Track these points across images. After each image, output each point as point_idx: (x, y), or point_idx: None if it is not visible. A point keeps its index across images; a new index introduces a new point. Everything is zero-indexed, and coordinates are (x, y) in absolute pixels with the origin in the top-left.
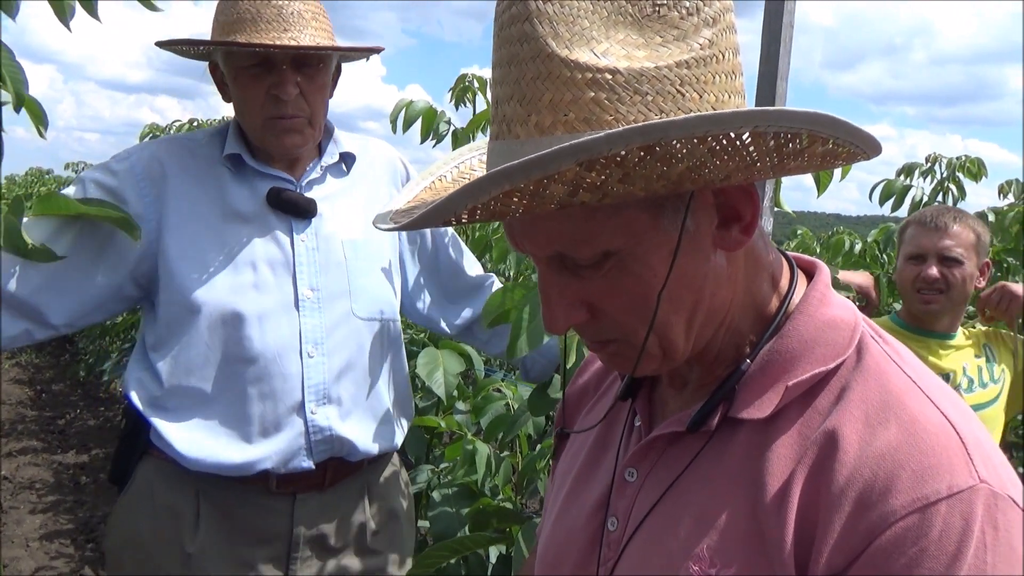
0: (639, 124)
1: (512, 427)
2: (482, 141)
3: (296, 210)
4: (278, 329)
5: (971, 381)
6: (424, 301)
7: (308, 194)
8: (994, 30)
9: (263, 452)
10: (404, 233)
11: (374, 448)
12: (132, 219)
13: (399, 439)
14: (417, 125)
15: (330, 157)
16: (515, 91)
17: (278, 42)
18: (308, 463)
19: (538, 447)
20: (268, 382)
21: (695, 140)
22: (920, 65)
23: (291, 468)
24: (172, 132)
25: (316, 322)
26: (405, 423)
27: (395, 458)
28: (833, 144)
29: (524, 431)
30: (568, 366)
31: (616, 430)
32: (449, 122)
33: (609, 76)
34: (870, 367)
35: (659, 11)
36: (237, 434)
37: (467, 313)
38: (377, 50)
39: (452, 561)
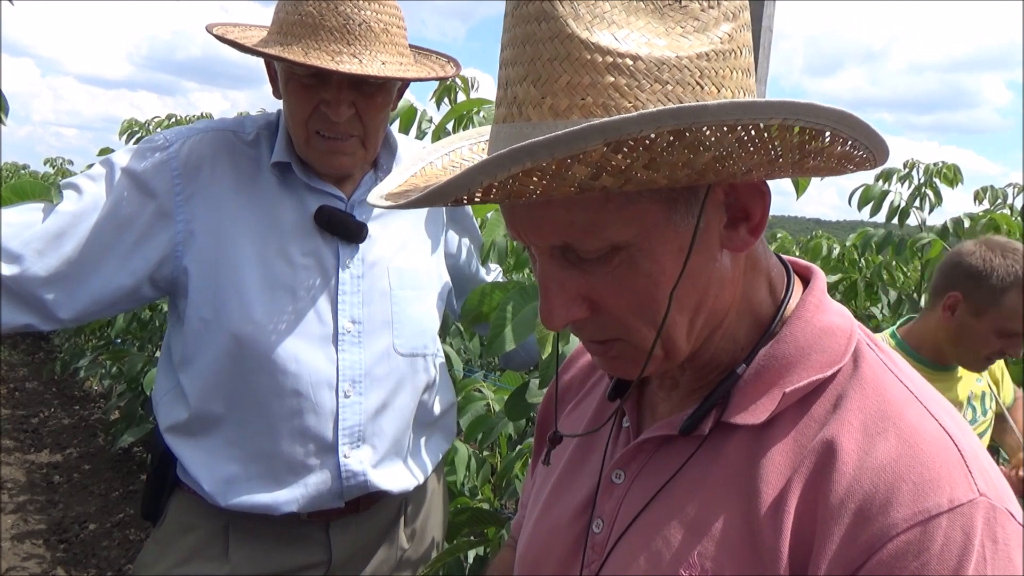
0: (672, 106)
1: (491, 431)
2: (473, 131)
3: (346, 233)
4: (314, 364)
5: (974, 411)
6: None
7: (359, 214)
8: (970, 39)
9: (290, 495)
10: (445, 247)
11: (410, 486)
12: (55, 186)
13: (437, 462)
14: (395, 124)
15: (387, 175)
16: (529, 72)
17: (333, 64)
18: (338, 504)
19: (517, 448)
20: (300, 419)
21: (724, 128)
22: (898, 72)
23: (319, 508)
24: (152, 128)
25: (355, 358)
26: (446, 447)
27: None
28: (851, 146)
29: (504, 432)
30: (544, 357)
31: (603, 430)
32: (431, 120)
33: (630, 62)
34: (867, 376)
35: (680, 1)
36: (265, 472)
37: None
38: (446, 77)
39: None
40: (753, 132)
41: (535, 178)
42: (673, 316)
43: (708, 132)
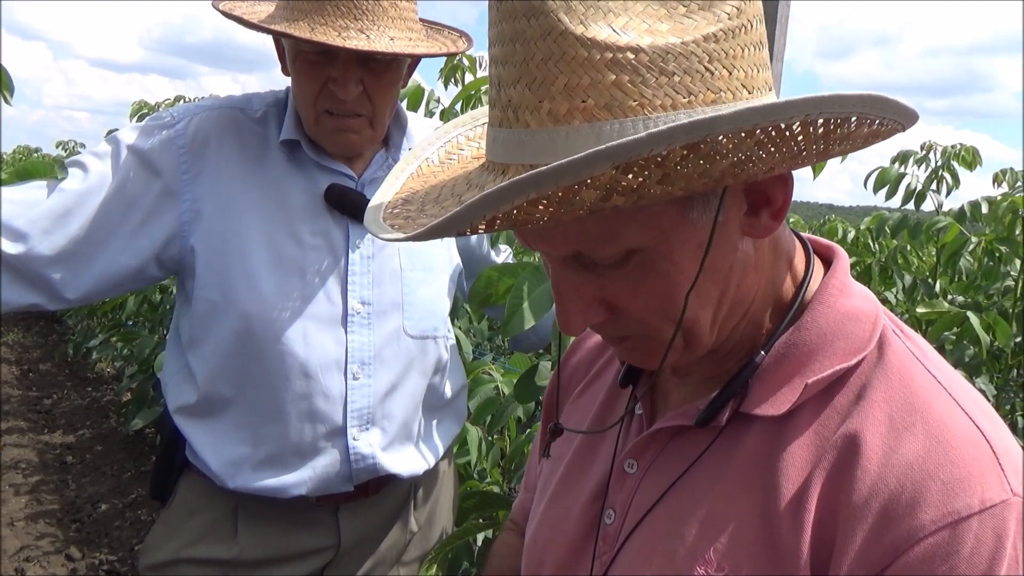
0: (684, 121)
1: (501, 415)
2: (466, 116)
3: (356, 213)
4: (323, 346)
5: None
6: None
7: (369, 193)
8: (987, 22)
9: (298, 478)
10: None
11: (420, 469)
12: (59, 162)
13: (448, 445)
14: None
15: (399, 154)
16: (522, 73)
17: (340, 39)
18: (347, 487)
19: (527, 431)
20: (308, 402)
21: (743, 134)
22: (912, 56)
23: (328, 492)
24: (162, 109)
25: (364, 340)
26: (456, 431)
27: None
28: (879, 124)
29: (513, 415)
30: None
31: (614, 416)
32: (439, 100)
33: (632, 56)
34: (893, 365)
35: None
36: (273, 455)
37: None
38: (455, 53)
39: None
40: (773, 133)
41: (541, 206)
42: (695, 311)
43: (724, 140)
